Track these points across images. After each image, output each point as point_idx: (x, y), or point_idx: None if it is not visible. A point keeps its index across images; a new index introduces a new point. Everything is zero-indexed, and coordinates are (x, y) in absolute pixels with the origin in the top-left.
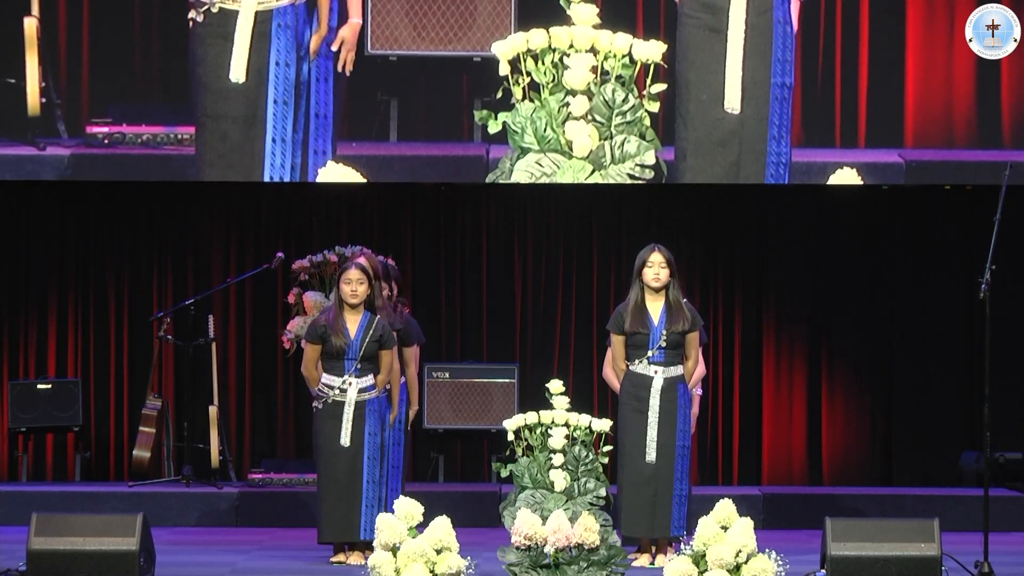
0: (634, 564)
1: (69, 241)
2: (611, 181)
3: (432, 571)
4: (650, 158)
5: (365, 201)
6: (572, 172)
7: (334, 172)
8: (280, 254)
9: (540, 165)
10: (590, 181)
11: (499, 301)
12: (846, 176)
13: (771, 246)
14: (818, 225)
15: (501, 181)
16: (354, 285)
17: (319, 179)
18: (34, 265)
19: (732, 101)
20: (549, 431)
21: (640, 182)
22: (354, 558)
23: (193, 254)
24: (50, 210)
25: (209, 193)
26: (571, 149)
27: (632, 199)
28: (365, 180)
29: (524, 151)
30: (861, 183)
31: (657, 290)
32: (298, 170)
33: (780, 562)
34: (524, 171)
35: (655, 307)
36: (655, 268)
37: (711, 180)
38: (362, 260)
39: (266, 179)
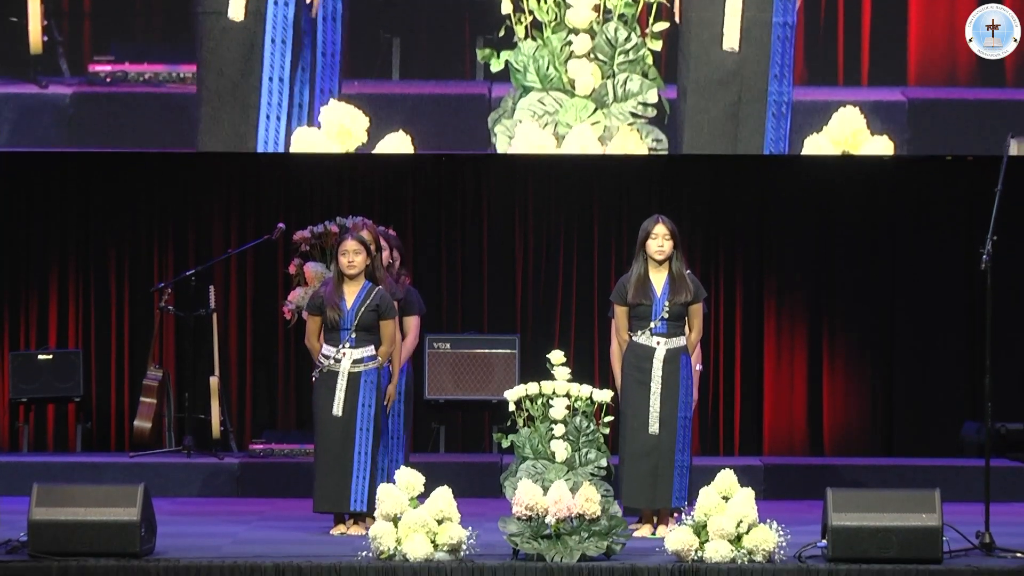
0: (635, 534)
1: (70, 212)
2: (614, 120)
3: (433, 541)
4: (652, 96)
5: (366, 172)
6: (575, 111)
7: (337, 111)
8: (281, 225)
9: (542, 104)
10: (592, 120)
11: (500, 272)
12: (849, 115)
13: (772, 218)
14: (819, 197)
15: (504, 120)
16: (351, 256)
17: (322, 117)
18: (35, 236)
19: (731, 40)
20: (550, 402)
21: (645, 157)
22: (355, 529)
23: (194, 225)
24: (51, 181)
25: (210, 164)
26: (573, 88)
27: (634, 170)
28: (367, 119)
29: (526, 90)
30: (861, 156)
31: (660, 262)
32: (302, 109)
33: (781, 532)
34: (527, 109)
35: (658, 278)
36: (659, 239)
37: (711, 119)
38: (365, 233)
39: (261, 118)
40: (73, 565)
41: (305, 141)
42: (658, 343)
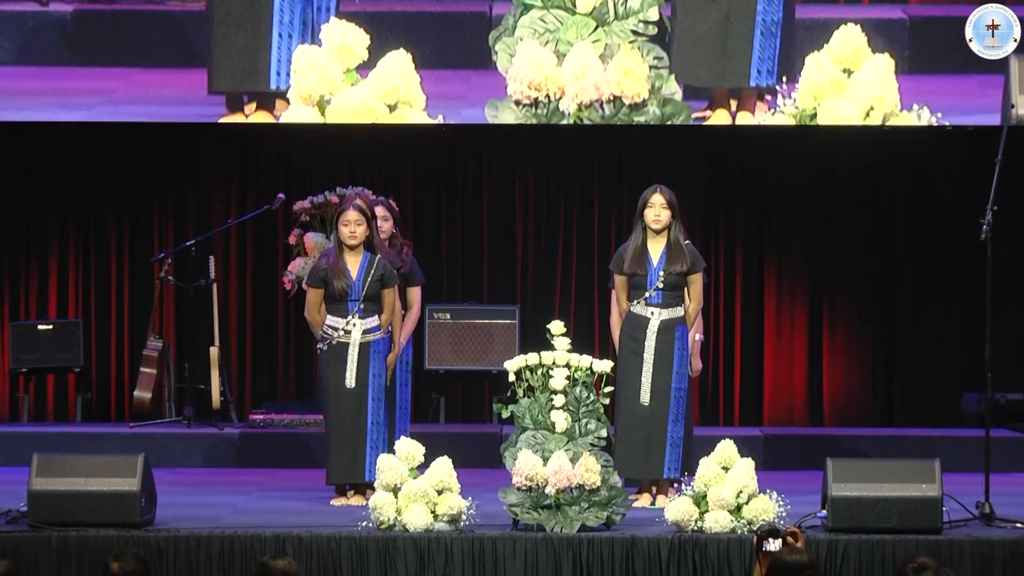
0: (635, 505)
1: (70, 182)
2: (615, 38)
3: (433, 512)
4: (653, 14)
5: (366, 142)
6: (575, 29)
7: (337, 28)
8: (281, 195)
9: (543, 22)
10: (593, 38)
11: (500, 242)
12: (850, 32)
13: (772, 188)
14: (819, 167)
15: (505, 38)
16: (352, 226)
17: (323, 35)
18: (35, 206)
19: None
20: (550, 372)
21: (646, 127)
22: (355, 499)
23: (194, 195)
24: (51, 150)
25: (210, 133)
26: (574, 5)
27: (633, 140)
28: (368, 36)
29: (527, 7)
30: (859, 125)
31: (658, 231)
32: (306, 27)
33: (781, 502)
34: (527, 27)
35: (656, 248)
36: (656, 209)
37: (699, 36)
38: (359, 201)
39: (274, 37)
40: (73, 535)
41: (306, 59)
42: (652, 313)
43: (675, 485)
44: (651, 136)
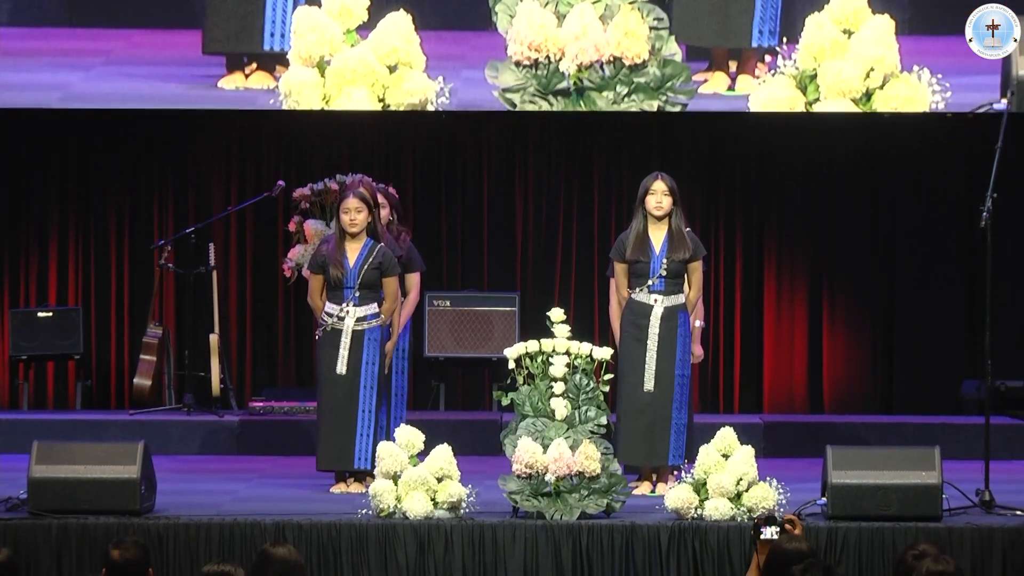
0: (635, 492)
1: (70, 168)
2: None
3: (433, 499)
4: None
5: (366, 129)
6: None
7: None
8: (281, 182)
9: None
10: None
11: (500, 229)
12: None
13: (772, 175)
14: (820, 153)
15: None
16: (352, 214)
17: None
18: (35, 193)
19: None
20: (550, 359)
21: (644, 114)
22: (355, 487)
23: (194, 182)
24: (51, 137)
25: (210, 120)
26: None
27: (634, 127)
28: None
29: None
30: (859, 112)
31: (660, 218)
32: None
33: (781, 490)
34: None
35: (657, 235)
36: (657, 196)
37: None
38: (361, 189)
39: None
40: (73, 523)
41: (306, 20)
42: (655, 300)
43: (675, 473)
44: (651, 122)
